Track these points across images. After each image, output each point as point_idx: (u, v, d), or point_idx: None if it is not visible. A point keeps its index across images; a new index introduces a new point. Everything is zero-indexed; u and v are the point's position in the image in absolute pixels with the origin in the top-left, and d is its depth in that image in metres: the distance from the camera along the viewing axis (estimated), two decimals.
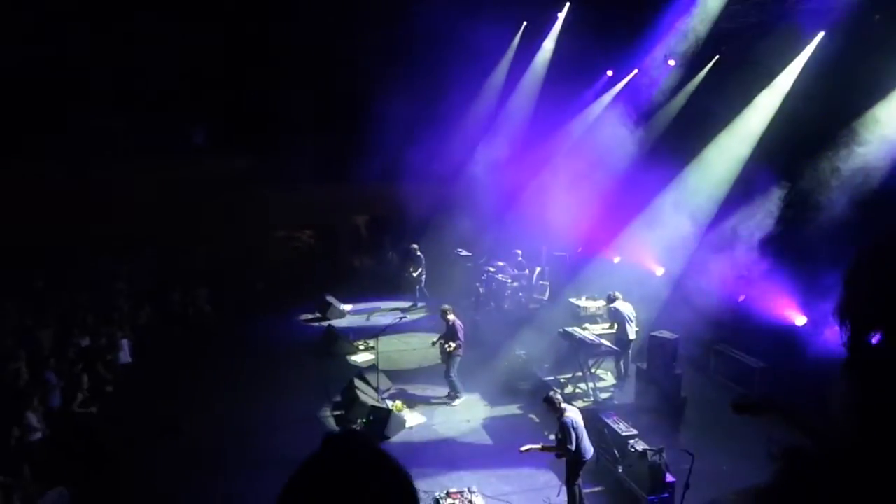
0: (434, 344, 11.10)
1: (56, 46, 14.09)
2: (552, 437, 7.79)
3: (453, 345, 10.63)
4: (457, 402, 10.75)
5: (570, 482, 7.39)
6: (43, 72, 14.39)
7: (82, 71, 15.07)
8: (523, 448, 7.46)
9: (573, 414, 7.32)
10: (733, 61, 13.11)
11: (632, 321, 10.40)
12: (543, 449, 7.45)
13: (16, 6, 13.44)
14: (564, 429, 7.15)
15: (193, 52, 15.53)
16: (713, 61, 14.05)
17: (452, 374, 10.77)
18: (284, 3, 16.49)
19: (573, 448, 7.11)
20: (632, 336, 10.31)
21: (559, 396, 7.59)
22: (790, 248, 10.55)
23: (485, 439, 9.69)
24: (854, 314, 1.61)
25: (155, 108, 16.19)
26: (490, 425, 10.08)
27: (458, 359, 10.77)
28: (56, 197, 15.38)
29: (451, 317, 10.80)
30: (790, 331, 10.74)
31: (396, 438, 9.59)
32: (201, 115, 17.93)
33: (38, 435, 9.08)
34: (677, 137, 14.57)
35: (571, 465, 7.34)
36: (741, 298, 11.74)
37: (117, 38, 14.69)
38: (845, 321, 1.63)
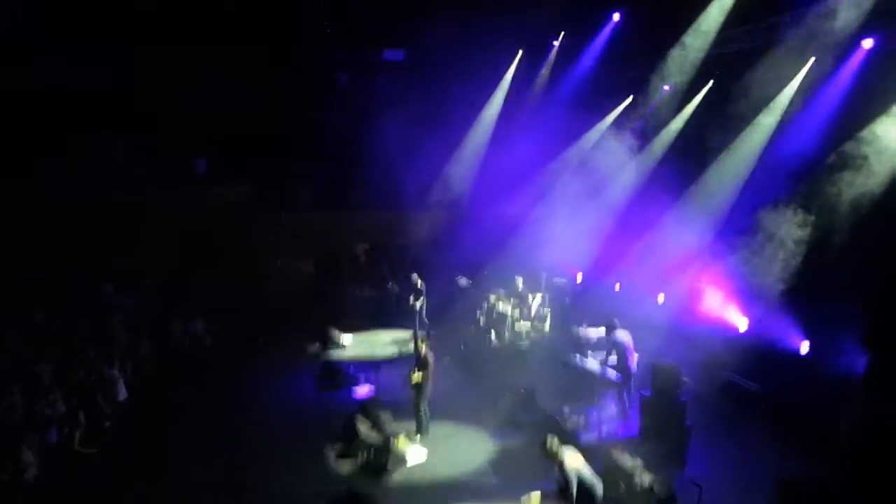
0: (408, 380, 10.68)
1: (58, 71, 14.24)
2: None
3: (419, 374, 10.39)
4: (417, 437, 10.45)
5: None
6: (45, 98, 14.50)
7: (85, 96, 15.15)
8: None
9: (573, 458, 7.10)
10: (727, 86, 13.23)
11: (632, 350, 10.28)
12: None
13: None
14: (565, 475, 6.96)
15: (194, 82, 15.71)
16: (707, 87, 14.19)
17: (422, 408, 10.52)
18: (285, 34, 16.75)
19: (574, 496, 6.87)
20: (633, 366, 10.18)
21: (556, 441, 7.27)
22: (794, 275, 10.51)
23: (488, 474, 9.49)
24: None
25: (156, 136, 16.29)
26: (493, 460, 9.89)
27: (428, 390, 10.55)
28: (54, 227, 15.38)
29: (423, 347, 10.62)
30: (794, 358, 10.64)
31: (398, 474, 9.42)
32: (201, 143, 18.05)
33: (34, 471, 8.95)
34: (676, 163, 14.64)
35: None
36: (744, 325, 11.66)
37: (119, 64, 14.84)
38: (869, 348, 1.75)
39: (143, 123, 15.97)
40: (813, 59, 11.52)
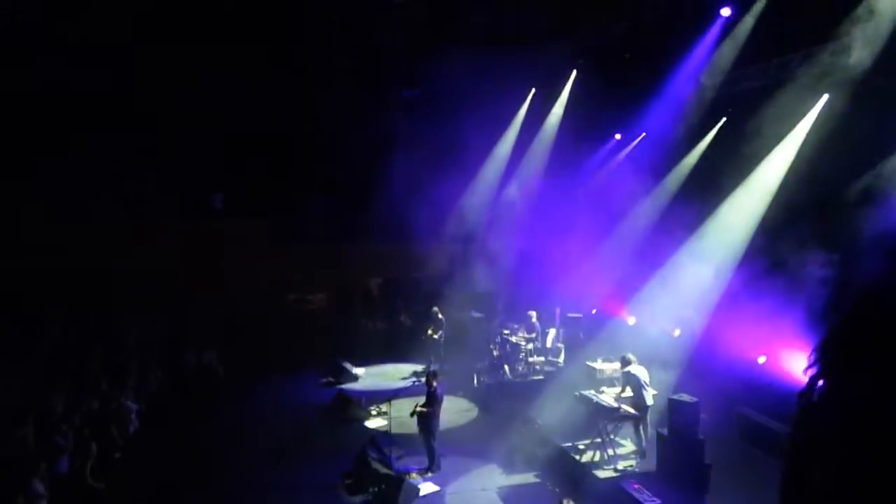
0: (412, 414, 10.59)
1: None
2: None
3: (426, 409, 10.30)
4: (429, 474, 10.28)
5: None
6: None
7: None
8: None
9: None
10: (739, 125, 13.28)
11: (647, 386, 10.11)
12: None
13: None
14: None
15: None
16: (720, 124, 14.27)
17: (434, 443, 10.40)
18: (300, 64, 16.99)
19: None
20: (649, 401, 10.00)
21: (571, 501, 7.34)
22: (814, 308, 10.34)
23: None
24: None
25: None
26: (506, 495, 9.69)
27: (436, 426, 10.42)
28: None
29: (435, 383, 10.54)
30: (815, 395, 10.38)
31: None
32: (218, 177, 18.21)
33: (44, 503, 8.88)
34: (689, 198, 14.62)
35: None
36: (762, 360, 11.45)
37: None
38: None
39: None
40: (826, 95, 11.57)
